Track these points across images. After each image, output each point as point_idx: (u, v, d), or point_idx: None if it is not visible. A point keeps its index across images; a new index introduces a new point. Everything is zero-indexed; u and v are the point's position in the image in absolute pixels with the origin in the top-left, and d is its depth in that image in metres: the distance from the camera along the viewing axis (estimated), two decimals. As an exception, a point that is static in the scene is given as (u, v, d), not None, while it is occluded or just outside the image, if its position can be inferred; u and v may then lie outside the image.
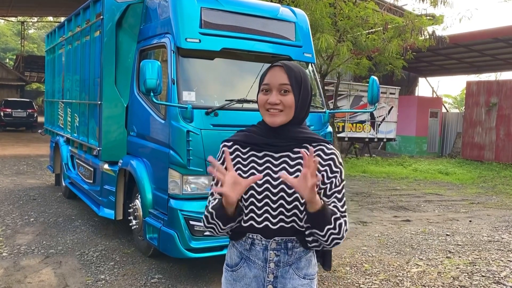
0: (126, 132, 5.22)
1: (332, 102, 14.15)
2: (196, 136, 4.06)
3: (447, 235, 6.29)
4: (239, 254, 1.70)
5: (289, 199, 1.61)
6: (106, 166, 5.46)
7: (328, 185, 1.65)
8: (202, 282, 4.28)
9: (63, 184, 7.67)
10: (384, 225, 6.79)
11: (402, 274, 4.66)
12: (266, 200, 1.63)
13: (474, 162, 16.57)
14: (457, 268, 4.89)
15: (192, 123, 4.08)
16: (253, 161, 1.69)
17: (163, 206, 4.33)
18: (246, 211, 1.65)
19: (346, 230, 1.61)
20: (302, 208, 1.61)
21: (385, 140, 17.88)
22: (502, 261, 5.16)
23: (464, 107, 19.76)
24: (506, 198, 9.76)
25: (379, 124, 17.18)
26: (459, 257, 5.28)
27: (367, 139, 17.10)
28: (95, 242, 5.34)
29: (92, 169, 6.03)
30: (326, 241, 1.57)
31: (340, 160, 1.70)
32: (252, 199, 1.64)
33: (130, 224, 5.05)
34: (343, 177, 1.69)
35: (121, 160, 5.16)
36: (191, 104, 4.11)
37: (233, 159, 1.70)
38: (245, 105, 4.34)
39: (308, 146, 1.67)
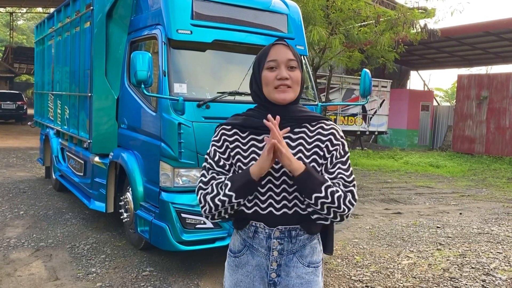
0: (116, 125, 5.17)
1: (324, 95, 14.16)
2: (187, 129, 4.03)
3: (437, 227, 6.34)
4: (242, 241, 1.69)
5: (291, 183, 1.60)
6: (96, 158, 5.41)
7: (329, 158, 1.64)
8: (194, 274, 4.28)
9: (53, 177, 7.61)
10: (375, 218, 6.82)
11: (393, 266, 4.69)
12: (269, 185, 1.61)
13: (464, 155, 16.71)
14: (448, 260, 4.93)
15: (183, 115, 4.05)
16: (253, 145, 1.66)
17: (154, 199, 4.30)
18: (250, 197, 1.62)
19: (351, 202, 1.56)
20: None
21: (376, 133, 17.97)
22: (491, 253, 5.21)
23: (455, 101, 19.87)
24: (496, 190, 9.85)
25: (371, 117, 17.25)
26: (450, 249, 5.33)
27: (358, 132, 17.17)
28: (86, 235, 5.30)
29: (82, 162, 5.99)
30: (322, 209, 1.54)
31: (341, 134, 1.70)
32: None
33: (121, 217, 5.03)
34: (346, 149, 1.68)
35: (112, 152, 5.11)
36: (183, 96, 4.07)
37: (232, 142, 1.68)
38: (237, 98, 4.32)
39: (307, 125, 1.68)
